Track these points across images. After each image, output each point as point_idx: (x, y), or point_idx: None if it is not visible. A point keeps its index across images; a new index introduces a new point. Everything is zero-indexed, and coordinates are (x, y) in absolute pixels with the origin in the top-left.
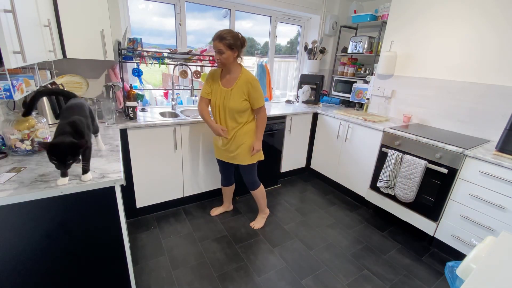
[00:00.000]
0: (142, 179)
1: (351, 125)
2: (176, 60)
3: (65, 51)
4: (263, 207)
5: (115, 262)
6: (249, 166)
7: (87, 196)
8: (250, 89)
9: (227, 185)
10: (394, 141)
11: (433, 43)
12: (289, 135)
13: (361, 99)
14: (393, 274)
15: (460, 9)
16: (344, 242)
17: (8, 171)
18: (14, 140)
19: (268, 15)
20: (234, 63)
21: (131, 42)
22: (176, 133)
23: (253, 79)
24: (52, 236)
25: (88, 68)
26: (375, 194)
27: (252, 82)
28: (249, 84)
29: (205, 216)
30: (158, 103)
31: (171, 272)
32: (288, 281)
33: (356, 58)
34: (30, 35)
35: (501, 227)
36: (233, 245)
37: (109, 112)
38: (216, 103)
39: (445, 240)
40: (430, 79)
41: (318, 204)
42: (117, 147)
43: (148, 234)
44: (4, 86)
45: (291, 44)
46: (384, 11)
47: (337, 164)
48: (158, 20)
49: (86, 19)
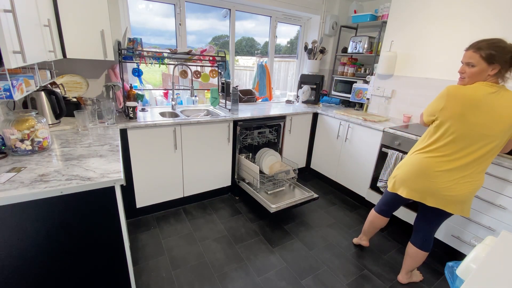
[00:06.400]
0: (142, 179)
1: (351, 125)
2: (176, 60)
3: (65, 51)
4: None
5: (115, 262)
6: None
7: (87, 196)
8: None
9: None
10: (394, 141)
11: (433, 43)
12: (289, 135)
13: (361, 99)
14: (393, 274)
15: (461, 8)
16: (344, 242)
17: (8, 171)
18: (14, 140)
19: (268, 15)
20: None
21: (131, 42)
22: (176, 133)
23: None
24: (52, 236)
25: (88, 68)
26: (375, 194)
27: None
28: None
29: (205, 216)
30: (158, 103)
31: (171, 272)
32: (288, 281)
33: (356, 58)
34: (30, 35)
35: (501, 227)
36: (233, 245)
37: (109, 112)
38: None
39: (445, 240)
40: (430, 79)
41: (318, 204)
42: (117, 147)
43: (148, 234)
44: (4, 86)
45: (291, 44)
46: (384, 11)
47: (337, 164)
48: (160, 21)
49: (86, 19)
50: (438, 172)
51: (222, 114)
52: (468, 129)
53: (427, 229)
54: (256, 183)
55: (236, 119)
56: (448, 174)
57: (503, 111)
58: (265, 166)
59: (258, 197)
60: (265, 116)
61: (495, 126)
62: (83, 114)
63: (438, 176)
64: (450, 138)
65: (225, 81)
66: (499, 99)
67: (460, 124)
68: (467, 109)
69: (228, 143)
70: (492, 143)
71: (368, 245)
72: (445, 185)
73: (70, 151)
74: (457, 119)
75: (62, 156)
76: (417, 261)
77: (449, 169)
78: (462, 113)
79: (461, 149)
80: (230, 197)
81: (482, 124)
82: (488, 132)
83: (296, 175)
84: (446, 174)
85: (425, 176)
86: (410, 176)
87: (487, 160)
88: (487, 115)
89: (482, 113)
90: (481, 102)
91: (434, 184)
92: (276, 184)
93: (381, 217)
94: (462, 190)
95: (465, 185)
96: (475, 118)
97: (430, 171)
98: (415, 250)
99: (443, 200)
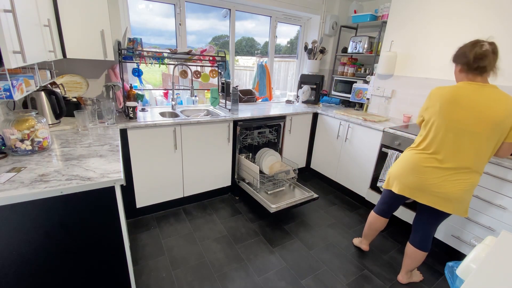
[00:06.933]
0: (142, 179)
1: (351, 125)
2: (176, 60)
3: (65, 51)
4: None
5: (115, 262)
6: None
7: (87, 196)
8: None
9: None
10: (394, 141)
11: (433, 43)
12: (289, 135)
13: (361, 99)
14: (393, 274)
15: (461, 7)
16: (344, 242)
17: (8, 171)
18: (14, 140)
19: (268, 15)
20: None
21: (131, 42)
22: (176, 133)
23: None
24: (52, 236)
25: (88, 68)
26: (375, 194)
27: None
28: None
29: (205, 216)
30: (158, 103)
31: (171, 272)
32: (288, 281)
33: (356, 58)
34: (30, 35)
35: (501, 227)
36: (233, 245)
37: (109, 112)
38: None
39: (445, 240)
40: (430, 79)
41: (318, 204)
42: (117, 147)
43: (148, 234)
44: (4, 86)
45: (291, 44)
46: (384, 11)
47: (337, 164)
48: (160, 21)
49: (86, 19)
50: (426, 168)
51: (222, 114)
52: (449, 125)
53: (426, 229)
54: (256, 183)
55: (236, 119)
56: (436, 170)
57: (483, 109)
58: (265, 166)
59: (258, 197)
60: (265, 116)
61: (476, 123)
62: (83, 114)
63: (427, 172)
64: (434, 135)
65: (225, 81)
66: (479, 96)
67: (440, 121)
68: (444, 105)
69: (228, 143)
70: (476, 140)
71: (367, 249)
72: (434, 181)
73: (70, 151)
74: (437, 116)
75: (62, 156)
76: (416, 261)
77: (437, 166)
78: (441, 110)
79: (446, 146)
80: (230, 197)
81: (462, 120)
82: (468, 128)
83: (296, 175)
84: (434, 170)
85: (414, 171)
86: (402, 172)
87: (478, 159)
88: (467, 111)
89: (461, 109)
90: (459, 98)
91: (423, 180)
92: (276, 184)
93: (380, 218)
94: (452, 188)
95: (454, 183)
96: (454, 114)
97: (419, 167)
98: (414, 250)
99: (434, 198)
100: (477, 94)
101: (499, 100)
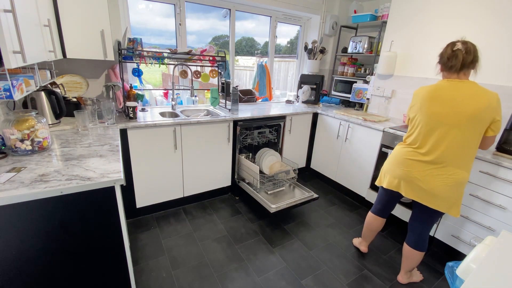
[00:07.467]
0: (142, 179)
1: (351, 125)
2: (176, 60)
3: (65, 51)
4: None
5: (115, 262)
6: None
7: (87, 196)
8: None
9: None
10: (394, 141)
11: (433, 43)
12: (289, 135)
13: (361, 99)
14: (393, 274)
15: (461, 7)
16: (344, 242)
17: (8, 171)
18: (14, 140)
19: (268, 15)
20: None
21: (131, 42)
22: (176, 133)
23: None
24: (52, 236)
25: (88, 68)
26: (375, 194)
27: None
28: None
29: (205, 216)
30: (158, 103)
31: (171, 272)
32: (288, 281)
33: (356, 58)
34: (30, 35)
35: (501, 227)
36: (233, 245)
37: (109, 112)
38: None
39: (445, 240)
40: (430, 79)
41: (318, 204)
42: (117, 147)
43: (148, 234)
44: (4, 86)
45: (291, 44)
46: (384, 11)
47: (337, 164)
48: (160, 21)
49: (86, 19)
50: (411, 161)
51: (222, 114)
52: (429, 120)
53: (420, 229)
54: (256, 183)
55: (236, 119)
56: (420, 164)
57: (459, 103)
58: (265, 166)
59: (258, 197)
60: (265, 116)
61: (452, 115)
62: (83, 114)
63: (412, 165)
64: (418, 130)
65: (225, 81)
66: (455, 91)
67: (422, 116)
68: (424, 101)
69: (228, 143)
70: (455, 133)
71: (366, 251)
72: (418, 174)
73: (70, 151)
74: (419, 112)
75: (62, 156)
76: (413, 261)
77: (420, 160)
78: (422, 106)
79: (429, 140)
80: (230, 197)
81: (440, 113)
82: (446, 121)
83: (296, 175)
84: (418, 163)
85: (400, 164)
86: (390, 166)
87: (459, 153)
88: (445, 105)
89: (440, 103)
90: (437, 94)
91: (408, 172)
92: (276, 184)
93: (377, 217)
94: (434, 183)
95: (437, 178)
96: (433, 108)
97: (404, 160)
98: (410, 250)
99: (420, 192)
100: (454, 89)
101: (475, 95)
